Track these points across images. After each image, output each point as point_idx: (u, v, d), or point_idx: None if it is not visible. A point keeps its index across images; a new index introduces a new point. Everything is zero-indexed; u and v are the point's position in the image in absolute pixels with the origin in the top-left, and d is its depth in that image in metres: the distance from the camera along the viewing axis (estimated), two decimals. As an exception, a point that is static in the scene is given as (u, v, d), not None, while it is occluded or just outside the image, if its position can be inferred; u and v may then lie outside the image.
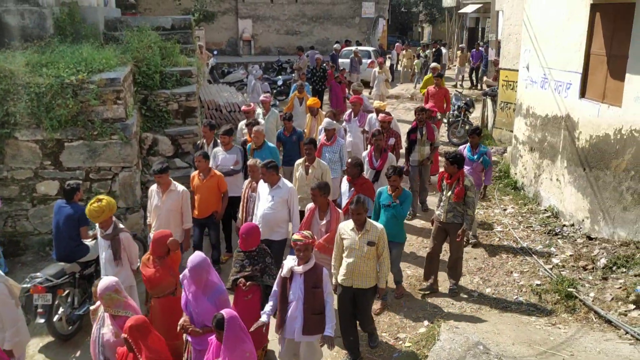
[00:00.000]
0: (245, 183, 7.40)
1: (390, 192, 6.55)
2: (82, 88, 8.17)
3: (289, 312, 4.99)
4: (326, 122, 8.57)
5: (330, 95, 15.10)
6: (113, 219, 5.98)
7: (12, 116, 7.95)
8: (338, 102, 14.40)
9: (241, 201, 7.28)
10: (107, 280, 4.71)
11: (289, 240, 6.20)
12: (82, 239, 6.59)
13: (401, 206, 6.47)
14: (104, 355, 4.60)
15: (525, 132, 10.30)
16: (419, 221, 9.27)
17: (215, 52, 22.40)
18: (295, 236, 5.04)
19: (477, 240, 8.36)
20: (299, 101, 11.78)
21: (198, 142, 8.89)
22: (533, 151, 9.95)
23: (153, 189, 6.94)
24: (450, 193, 6.83)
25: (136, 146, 8.89)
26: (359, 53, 20.26)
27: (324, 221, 6.17)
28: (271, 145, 8.43)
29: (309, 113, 10.64)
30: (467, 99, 14.77)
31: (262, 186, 6.76)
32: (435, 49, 23.99)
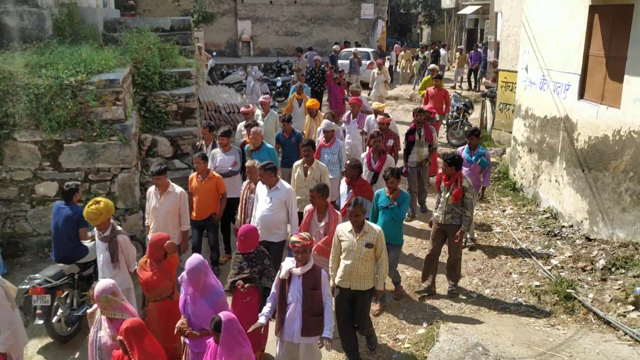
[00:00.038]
0: (243, 184, 7.39)
1: (388, 194, 6.53)
2: (81, 89, 8.18)
3: (288, 314, 4.98)
4: (325, 124, 8.56)
5: (329, 96, 15.11)
6: (111, 221, 5.95)
7: (11, 117, 7.95)
8: (337, 104, 14.43)
9: (240, 202, 7.28)
10: (104, 282, 4.70)
11: (288, 241, 6.19)
12: (81, 240, 6.58)
13: (399, 208, 6.45)
14: (102, 358, 4.57)
15: (524, 134, 10.31)
16: (418, 222, 9.27)
17: (214, 53, 22.41)
18: (293, 238, 5.03)
19: (475, 243, 8.35)
20: (298, 102, 11.78)
21: (197, 144, 8.89)
22: (532, 152, 9.97)
23: (151, 191, 6.93)
24: (448, 194, 6.83)
25: (135, 147, 8.89)
26: (359, 54, 20.28)
27: (323, 223, 6.16)
28: (269, 146, 8.43)
29: (308, 114, 10.65)
30: (466, 100, 14.79)
31: (261, 188, 6.75)
32: (433, 50, 24.02)
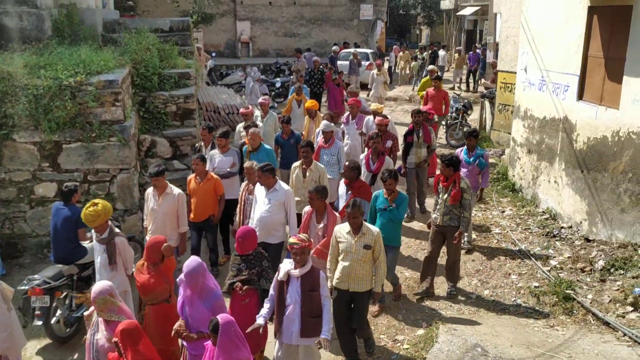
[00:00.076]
0: (242, 186, 7.38)
1: (386, 196, 6.50)
2: (81, 90, 8.18)
3: (286, 316, 4.96)
4: (324, 125, 8.54)
5: (328, 97, 15.11)
6: (109, 223, 5.92)
7: (10, 118, 7.95)
8: (336, 105, 14.41)
9: (238, 204, 7.26)
10: (102, 284, 4.68)
11: (286, 243, 6.19)
12: (80, 241, 6.57)
13: (397, 210, 6.43)
14: None
15: (523, 134, 10.32)
16: (418, 223, 9.27)
17: (213, 54, 22.41)
18: (291, 239, 5.01)
19: (472, 246, 8.29)
20: (297, 103, 11.77)
21: (196, 145, 8.88)
22: (531, 153, 9.97)
23: (149, 192, 6.92)
24: (446, 196, 6.82)
25: (134, 148, 8.89)
26: (358, 55, 20.28)
27: (321, 224, 6.14)
28: (268, 147, 8.41)
29: (307, 115, 10.64)
30: (465, 101, 14.80)
31: (259, 189, 6.73)
32: (431, 51, 24.02)
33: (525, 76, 10.38)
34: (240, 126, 9.76)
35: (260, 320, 4.96)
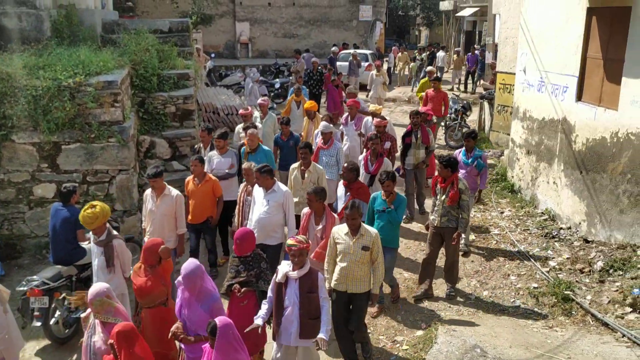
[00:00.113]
0: (240, 187, 7.36)
1: (384, 197, 6.47)
2: (80, 91, 8.17)
3: (285, 318, 4.94)
4: (323, 126, 8.53)
5: (327, 99, 15.10)
6: (107, 226, 5.88)
7: (9, 119, 7.95)
8: (335, 106, 14.39)
9: (237, 205, 7.26)
10: (98, 286, 4.65)
11: (285, 244, 6.17)
12: (79, 242, 6.56)
13: (396, 211, 6.40)
14: None
15: (522, 135, 10.33)
16: (417, 225, 9.27)
17: (212, 55, 22.41)
18: (289, 241, 4.99)
19: (468, 248, 8.20)
20: (296, 105, 11.77)
21: (196, 146, 8.88)
22: (530, 154, 9.98)
23: (148, 193, 6.89)
24: (444, 197, 6.81)
25: (133, 149, 8.88)
26: (358, 56, 20.28)
27: (320, 226, 6.11)
28: (266, 148, 8.39)
29: (306, 116, 10.64)
30: (464, 102, 14.81)
31: (257, 190, 6.70)
32: (429, 53, 24.03)
33: (524, 77, 10.39)
34: (239, 127, 9.75)
35: (258, 320, 4.94)
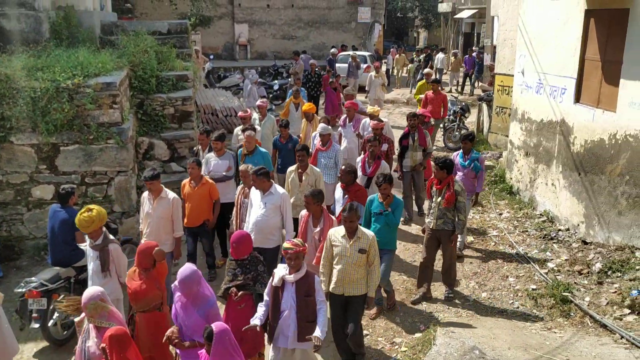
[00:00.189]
0: (237, 189, 7.32)
1: (381, 200, 6.42)
2: (78, 92, 8.17)
3: (282, 321, 4.92)
4: (321, 128, 8.51)
5: (325, 101, 15.09)
6: (103, 230, 5.82)
7: (8, 120, 7.93)
8: (334, 109, 14.37)
9: (234, 207, 7.24)
10: (93, 289, 4.62)
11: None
12: (77, 244, 6.55)
13: (393, 214, 6.34)
14: None
15: (520, 137, 10.34)
16: (416, 227, 9.26)
17: (211, 57, 22.42)
18: (285, 244, 4.96)
19: (462, 253, 8.12)
20: (295, 106, 11.76)
21: (194, 148, 8.87)
22: (528, 156, 9.99)
23: (145, 196, 6.84)
24: (440, 199, 6.77)
25: (132, 150, 8.88)
26: (357, 58, 20.28)
27: (318, 228, 6.09)
28: (263, 150, 8.35)
29: (305, 118, 10.63)
30: (463, 104, 14.83)
31: (255, 193, 6.65)
32: (426, 55, 24.05)
33: (522, 79, 10.41)
34: (238, 129, 9.72)
35: (256, 321, 4.89)
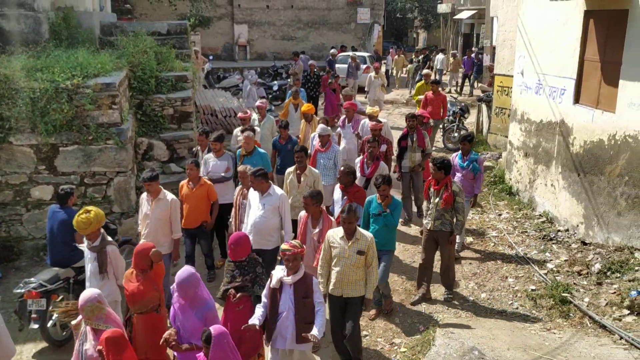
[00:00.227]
0: (236, 190, 7.31)
1: (379, 201, 6.40)
2: (78, 93, 8.17)
3: (280, 323, 4.90)
4: (321, 128, 8.50)
5: (325, 102, 15.08)
6: (101, 231, 5.80)
7: (7, 121, 7.93)
8: (333, 110, 14.36)
9: (233, 208, 7.23)
10: (90, 292, 4.60)
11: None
12: (76, 244, 6.54)
13: (392, 215, 6.33)
14: None
15: (520, 138, 10.34)
16: (415, 228, 9.26)
17: (210, 57, 22.45)
18: (283, 246, 4.95)
19: (459, 255, 8.08)
20: (294, 107, 11.75)
21: (193, 149, 8.86)
22: (528, 157, 9.99)
23: (143, 197, 6.81)
24: (438, 199, 6.76)
25: (131, 151, 8.88)
26: (357, 58, 20.27)
27: (317, 229, 6.08)
28: (262, 151, 8.33)
29: (304, 119, 10.62)
30: (462, 105, 14.84)
31: (253, 194, 6.63)
32: (424, 56, 24.05)
33: (522, 80, 10.42)
34: (237, 131, 9.70)
35: (255, 320, 4.87)
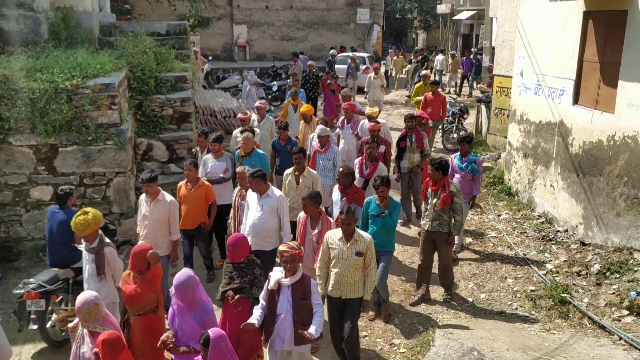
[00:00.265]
0: (235, 191, 7.30)
1: (378, 202, 6.38)
2: (77, 93, 8.17)
3: (278, 324, 4.90)
4: (320, 129, 8.48)
5: (324, 102, 15.08)
6: (99, 233, 5.79)
7: (6, 121, 7.93)
8: (332, 111, 14.37)
9: (232, 209, 7.21)
10: (87, 294, 4.58)
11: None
12: (76, 245, 6.53)
13: (390, 216, 6.31)
14: None
15: (519, 138, 10.35)
16: (414, 228, 9.25)
17: (210, 58, 22.43)
18: (281, 247, 4.94)
19: (456, 256, 8.07)
20: (293, 108, 11.74)
21: (193, 150, 8.86)
22: (527, 157, 10.00)
23: (142, 198, 6.80)
24: (435, 200, 6.74)
25: (131, 151, 8.88)
26: (356, 59, 20.28)
27: (316, 231, 6.07)
28: (261, 152, 8.32)
29: (303, 120, 10.62)
30: (462, 105, 14.84)
31: (251, 195, 6.61)
32: (422, 57, 24.05)
33: (521, 80, 10.42)
34: (236, 131, 9.69)
35: (253, 320, 4.85)
